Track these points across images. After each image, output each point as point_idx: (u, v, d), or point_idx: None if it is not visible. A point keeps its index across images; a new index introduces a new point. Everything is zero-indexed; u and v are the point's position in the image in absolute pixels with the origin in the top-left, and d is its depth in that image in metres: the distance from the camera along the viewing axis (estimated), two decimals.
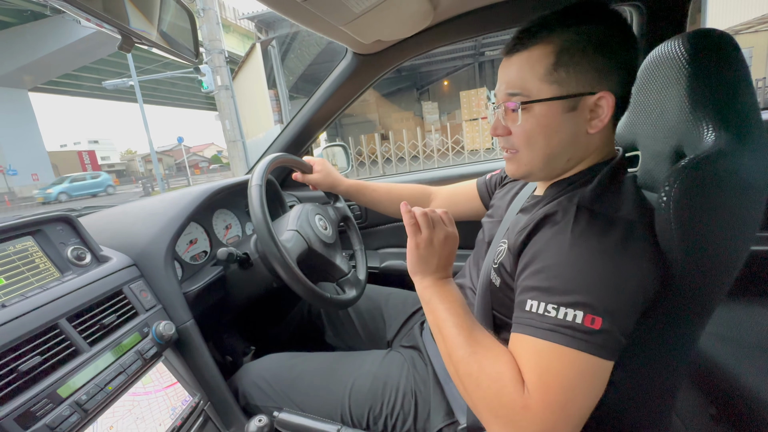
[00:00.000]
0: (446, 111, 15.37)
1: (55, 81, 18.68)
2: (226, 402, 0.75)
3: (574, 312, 0.43)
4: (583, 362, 0.43)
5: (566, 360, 0.43)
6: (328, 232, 0.93)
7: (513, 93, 0.54)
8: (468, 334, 0.52)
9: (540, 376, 0.44)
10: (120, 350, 0.63)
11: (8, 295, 0.58)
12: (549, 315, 0.44)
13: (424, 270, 0.60)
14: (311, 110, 1.23)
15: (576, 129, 0.54)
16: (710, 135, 0.47)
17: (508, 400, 0.44)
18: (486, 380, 0.47)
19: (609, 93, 0.51)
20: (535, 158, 0.56)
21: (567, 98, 0.52)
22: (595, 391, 0.44)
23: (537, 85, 0.52)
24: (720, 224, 0.46)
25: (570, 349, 0.43)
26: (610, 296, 0.43)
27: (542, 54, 0.52)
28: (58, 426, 0.51)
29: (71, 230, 0.72)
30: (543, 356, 0.44)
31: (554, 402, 0.42)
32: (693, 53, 0.51)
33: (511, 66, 0.55)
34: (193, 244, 0.99)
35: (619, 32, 0.52)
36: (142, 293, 0.73)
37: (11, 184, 18.14)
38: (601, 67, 0.51)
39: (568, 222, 0.48)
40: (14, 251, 0.62)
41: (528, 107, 0.53)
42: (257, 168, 0.80)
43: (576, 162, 0.57)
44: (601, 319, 0.43)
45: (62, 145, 53.01)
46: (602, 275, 0.44)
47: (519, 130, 0.55)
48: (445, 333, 0.53)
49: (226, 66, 7.93)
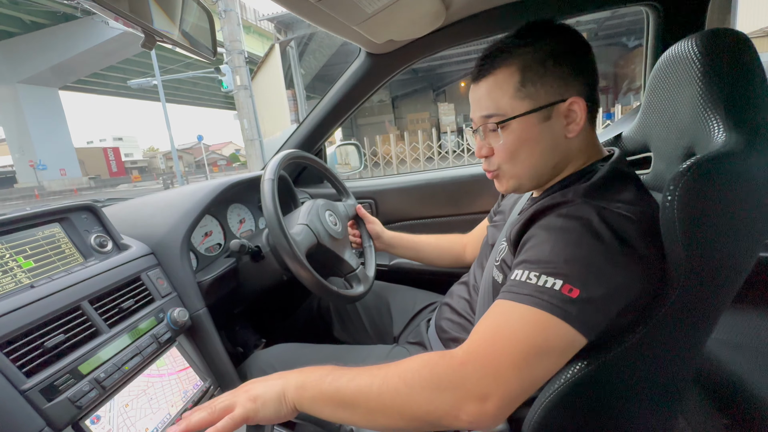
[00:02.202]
0: (463, 112, 15.26)
1: (83, 80, 19.43)
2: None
3: (554, 280, 0.44)
4: (547, 322, 0.43)
5: (530, 319, 0.43)
6: (338, 227, 0.95)
7: (488, 114, 0.57)
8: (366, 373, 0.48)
9: (491, 333, 0.44)
10: (137, 333, 0.67)
11: (36, 276, 0.62)
12: (530, 282, 0.45)
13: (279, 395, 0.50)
14: (325, 109, 1.26)
15: (555, 136, 0.56)
16: (720, 135, 0.46)
17: (443, 368, 0.44)
18: (413, 375, 0.45)
19: (578, 97, 0.54)
20: (521, 171, 0.59)
21: (540, 109, 0.55)
22: (558, 358, 0.45)
23: (510, 102, 0.55)
24: (726, 227, 0.45)
25: (539, 311, 0.43)
26: (593, 276, 0.44)
27: (507, 74, 0.55)
28: (79, 400, 0.54)
29: (95, 219, 0.76)
30: (507, 316, 0.45)
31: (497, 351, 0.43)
32: (707, 52, 0.50)
33: (480, 90, 0.58)
34: (208, 236, 1.03)
35: (570, 43, 0.56)
36: (158, 280, 0.76)
37: (41, 178, 18.92)
38: (564, 75, 0.54)
39: (561, 211, 0.49)
40: (42, 236, 0.66)
41: (506, 125, 0.56)
42: (270, 163, 0.83)
43: (562, 167, 0.59)
44: (578, 291, 0.43)
45: (89, 141, 55.01)
46: (589, 256, 0.44)
47: (501, 148, 0.58)
48: (347, 394, 0.47)
49: (245, 66, 8.09)
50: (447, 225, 1.34)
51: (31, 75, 16.20)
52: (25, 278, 0.60)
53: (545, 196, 0.60)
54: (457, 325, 0.75)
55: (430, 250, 1.03)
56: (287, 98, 9.91)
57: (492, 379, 0.42)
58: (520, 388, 0.43)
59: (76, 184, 19.89)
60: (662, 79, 0.58)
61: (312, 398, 0.48)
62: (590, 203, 0.48)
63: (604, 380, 0.53)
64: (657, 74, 0.59)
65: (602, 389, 0.55)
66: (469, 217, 1.31)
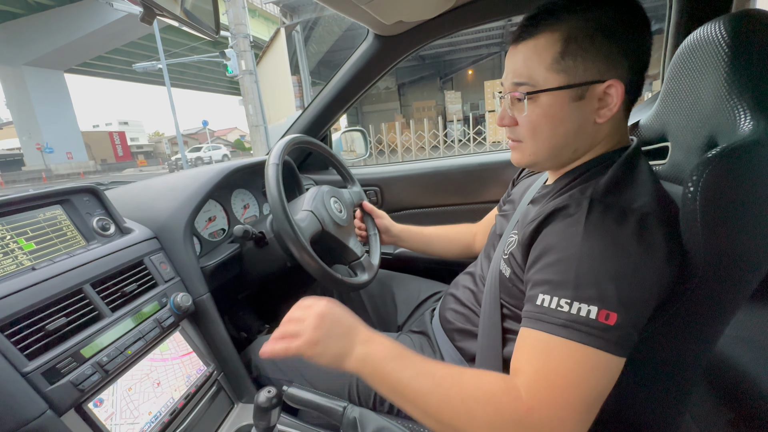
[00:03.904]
0: (469, 101, 15.06)
1: (88, 63, 19.32)
2: (238, 373, 0.78)
3: (588, 307, 0.41)
4: (596, 359, 0.41)
5: (579, 357, 0.41)
6: (343, 214, 0.93)
7: (519, 83, 0.53)
8: (429, 376, 0.46)
9: (547, 374, 0.42)
10: (139, 317, 0.66)
11: (38, 259, 0.61)
12: (562, 310, 0.43)
13: (339, 356, 0.51)
14: (331, 93, 1.23)
15: (583, 119, 0.52)
16: (747, 123, 0.44)
17: (510, 411, 0.42)
18: (477, 406, 0.43)
19: (618, 81, 0.49)
20: (540, 149, 0.55)
21: (574, 87, 0.50)
22: (606, 388, 0.43)
23: (544, 74, 0.51)
24: (750, 220, 0.43)
25: (583, 346, 0.41)
26: (625, 291, 0.42)
27: (549, 42, 0.50)
28: (81, 383, 0.54)
29: (97, 201, 0.75)
30: (553, 353, 0.42)
31: (561, 399, 0.41)
32: (735, 36, 0.47)
33: (518, 55, 0.53)
34: (212, 221, 1.02)
35: (630, 15, 0.49)
36: (161, 265, 0.75)
37: (48, 161, 19.04)
38: (610, 54, 0.49)
39: (581, 215, 0.46)
40: (44, 218, 0.66)
41: (534, 97, 0.52)
42: (275, 148, 0.81)
43: (583, 152, 0.56)
44: (616, 315, 0.41)
45: (95, 125, 55.06)
46: (616, 269, 0.42)
47: (525, 121, 0.54)
48: (407, 391, 0.46)
49: (250, 51, 7.99)
50: (453, 214, 1.32)
51: (37, 57, 16.13)
52: (27, 260, 0.60)
53: (559, 189, 0.57)
54: (461, 316, 0.74)
55: (438, 242, 1.01)
56: (293, 84, 9.80)
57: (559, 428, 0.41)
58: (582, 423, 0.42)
59: (83, 168, 20.02)
60: (684, 65, 0.55)
61: (371, 374, 0.49)
62: (610, 204, 0.46)
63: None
64: (679, 59, 0.57)
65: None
66: (476, 207, 1.29)
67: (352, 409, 0.68)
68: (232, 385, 0.78)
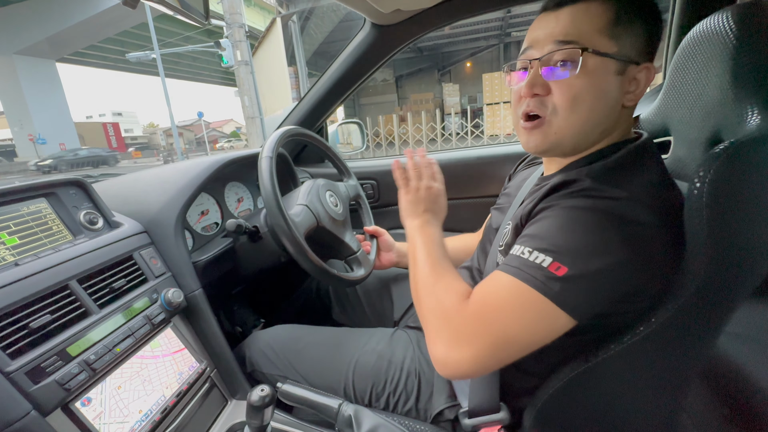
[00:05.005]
0: (467, 94, 14.97)
1: (81, 52, 19.00)
2: (232, 370, 0.77)
3: (544, 256, 0.44)
4: (529, 298, 0.44)
5: (514, 290, 0.45)
6: (339, 209, 0.91)
7: (566, 41, 0.48)
8: (435, 260, 0.59)
9: (484, 295, 0.48)
10: (129, 314, 0.65)
11: (21, 254, 0.59)
12: (522, 256, 0.46)
13: (413, 214, 0.68)
14: (327, 84, 1.20)
15: (616, 98, 0.50)
16: (754, 118, 0.43)
17: (449, 303, 0.51)
18: (437, 288, 0.54)
19: (653, 65, 0.49)
20: (572, 125, 0.50)
21: (623, 60, 0.48)
22: (532, 329, 0.45)
23: (596, 37, 0.48)
24: (756, 217, 0.42)
25: (523, 284, 0.44)
26: (585, 254, 0.43)
27: (602, 8, 0.48)
28: (68, 382, 0.52)
29: (84, 194, 0.72)
30: (497, 284, 0.47)
31: (484, 315, 0.46)
32: (742, 26, 0.45)
33: (562, 16, 0.49)
34: (205, 215, 1.00)
35: (656, 7, 0.50)
36: (152, 260, 0.73)
37: (41, 152, 18.78)
38: (649, 34, 0.49)
39: (571, 191, 0.47)
40: (28, 212, 0.63)
41: (584, 59, 0.47)
42: (268, 141, 0.79)
43: (602, 137, 0.54)
44: (566, 269, 0.43)
45: (88, 116, 54.38)
46: (586, 235, 0.44)
47: (564, 88, 0.49)
48: (417, 258, 0.61)
49: (246, 41, 7.86)
50: (451, 208, 1.30)
51: (27, 46, 15.80)
52: (9, 255, 0.58)
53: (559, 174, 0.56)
54: None
55: None
56: (289, 76, 9.68)
57: (475, 335, 0.47)
58: (493, 349, 0.46)
59: None
60: (688, 57, 0.54)
61: (413, 236, 0.66)
62: (604, 185, 0.46)
63: (610, 372, 0.52)
64: (683, 52, 0.55)
65: (607, 381, 0.54)
66: (473, 201, 1.27)
67: (348, 406, 0.68)
68: (226, 381, 0.77)
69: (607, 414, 0.59)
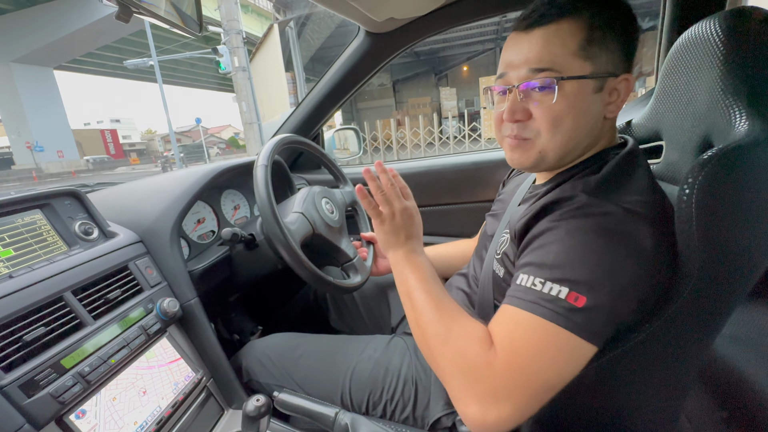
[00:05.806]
0: (464, 97, 15.04)
1: (78, 59, 19.04)
2: (228, 380, 0.76)
3: (559, 287, 0.43)
4: (558, 337, 0.42)
5: (541, 331, 0.43)
6: (335, 215, 0.91)
7: (540, 68, 0.49)
8: (437, 301, 0.55)
9: (511, 341, 0.45)
10: (124, 325, 0.64)
11: (16, 266, 0.59)
12: (535, 288, 0.44)
13: (395, 245, 0.64)
14: (322, 91, 1.21)
15: (597, 112, 0.51)
16: (742, 124, 0.43)
17: (473, 355, 0.46)
18: (453, 338, 0.49)
19: (631, 75, 0.49)
20: (555, 144, 0.51)
21: (599, 77, 0.49)
22: (566, 369, 0.43)
23: (570, 60, 0.48)
24: (746, 222, 0.43)
25: (547, 322, 0.42)
26: (600, 280, 0.42)
27: (575, 28, 0.48)
28: (62, 395, 0.52)
29: (79, 205, 0.72)
30: (519, 324, 0.45)
31: (518, 366, 0.43)
32: (729, 33, 0.46)
33: (534, 40, 0.49)
34: (201, 223, 1.00)
35: (630, 17, 0.50)
36: (147, 270, 0.73)
37: (38, 160, 18.76)
38: (623, 47, 0.49)
39: (569, 209, 0.46)
40: (22, 224, 0.63)
41: (560, 85, 0.48)
42: (264, 149, 0.79)
43: (588, 149, 0.54)
44: (585, 298, 0.42)
45: (86, 123, 54.40)
46: (595, 258, 0.43)
47: (544, 113, 0.50)
48: (414, 299, 0.56)
49: (243, 47, 7.90)
50: (447, 213, 1.31)
51: (25, 54, 15.87)
52: (3, 268, 0.57)
53: (551, 188, 0.56)
54: None
55: (438, 265, 0.98)
56: (287, 81, 9.71)
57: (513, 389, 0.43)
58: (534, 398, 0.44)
59: (74, 167, 19.76)
60: (679, 63, 0.54)
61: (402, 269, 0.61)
62: (600, 199, 0.46)
63: (608, 377, 0.52)
64: (673, 57, 0.56)
65: (605, 386, 0.54)
66: (469, 206, 1.28)
67: (344, 414, 0.67)
68: (222, 391, 0.76)
69: (605, 417, 0.59)
